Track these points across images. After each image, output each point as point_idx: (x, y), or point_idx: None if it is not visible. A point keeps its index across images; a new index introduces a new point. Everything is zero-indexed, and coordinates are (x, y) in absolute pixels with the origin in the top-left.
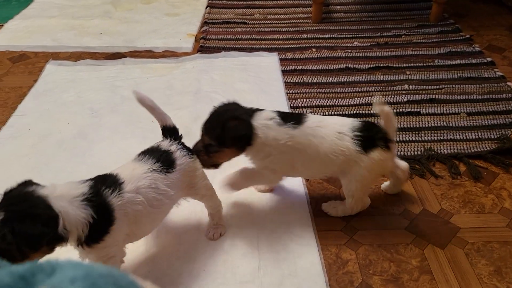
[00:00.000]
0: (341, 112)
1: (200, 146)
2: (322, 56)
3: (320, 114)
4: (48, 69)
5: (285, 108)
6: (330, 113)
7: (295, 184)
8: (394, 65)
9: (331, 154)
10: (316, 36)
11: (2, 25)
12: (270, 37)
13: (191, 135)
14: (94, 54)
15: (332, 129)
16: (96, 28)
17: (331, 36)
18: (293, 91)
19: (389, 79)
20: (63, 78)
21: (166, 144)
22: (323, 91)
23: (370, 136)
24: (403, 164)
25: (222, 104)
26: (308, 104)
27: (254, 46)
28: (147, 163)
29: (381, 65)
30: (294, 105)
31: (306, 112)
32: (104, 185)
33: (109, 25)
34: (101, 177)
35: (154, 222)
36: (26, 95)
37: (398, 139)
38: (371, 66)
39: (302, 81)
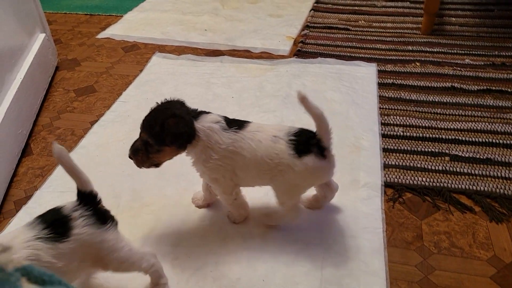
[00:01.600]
0: (437, 136)
1: (138, 145)
2: (427, 71)
3: (413, 135)
4: (153, 60)
5: (375, 124)
6: (425, 135)
7: (372, 207)
8: (509, 90)
9: (266, 158)
10: (423, 49)
11: (122, 16)
12: (371, 46)
13: None
14: (196, 49)
15: (269, 133)
16: (203, 25)
17: (440, 50)
18: (387, 107)
19: (500, 104)
20: (165, 70)
21: (69, 208)
22: (420, 110)
23: (305, 141)
24: (334, 183)
25: (164, 101)
26: (401, 123)
27: (353, 55)
28: (34, 229)
29: (493, 88)
30: (386, 121)
31: (398, 131)
32: None
33: (215, 22)
34: None
35: None
36: (131, 84)
37: (501, 175)
38: (482, 88)
39: (398, 96)
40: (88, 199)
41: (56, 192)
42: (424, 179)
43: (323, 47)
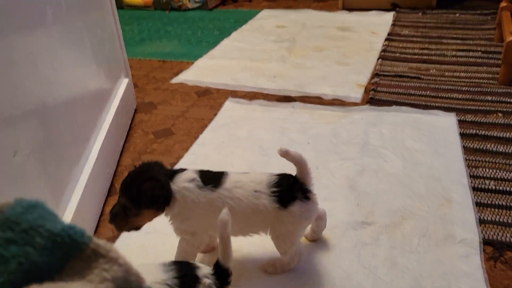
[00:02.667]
0: None
1: (117, 209)
2: (510, 123)
3: (506, 189)
4: (227, 105)
5: (463, 176)
6: None
7: (472, 266)
8: None
9: (250, 215)
10: (503, 100)
11: (193, 62)
12: (447, 95)
13: (356, 189)
14: (267, 95)
15: (249, 189)
16: (271, 71)
17: None
18: (474, 158)
19: None
20: (238, 115)
21: (203, 273)
22: (510, 163)
23: (287, 190)
24: (322, 210)
25: (141, 164)
26: (492, 176)
27: (429, 104)
28: (167, 273)
29: None
30: (475, 174)
31: (490, 184)
32: None
33: (283, 69)
34: None
35: None
36: (206, 127)
37: None
38: None
39: (484, 148)
40: (222, 274)
41: (142, 232)
42: None
43: (396, 95)
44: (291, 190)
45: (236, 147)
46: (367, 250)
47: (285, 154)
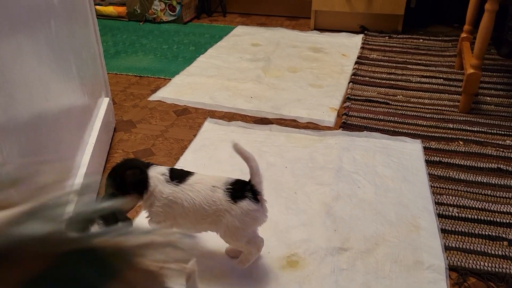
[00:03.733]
0: (492, 219)
1: (110, 190)
2: (470, 151)
3: (468, 216)
4: (206, 126)
5: (429, 203)
6: (479, 217)
7: None
8: None
9: (205, 205)
10: (464, 128)
11: (170, 79)
12: (413, 122)
13: (332, 215)
14: (244, 116)
15: (208, 184)
16: (248, 92)
17: (480, 129)
18: (438, 185)
19: None
20: (217, 137)
21: None
22: (471, 191)
23: (240, 189)
24: (259, 237)
25: (122, 160)
26: (455, 203)
27: (397, 130)
28: None
29: None
30: (439, 200)
31: (453, 211)
32: None
33: (259, 89)
34: None
35: None
36: (186, 148)
37: None
38: None
39: (448, 175)
40: None
41: None
42: (486, 263)
43: (366, 120)
44: (243, 190)
45: (217, 170)
46: (344, 275)
47: (238, 150)
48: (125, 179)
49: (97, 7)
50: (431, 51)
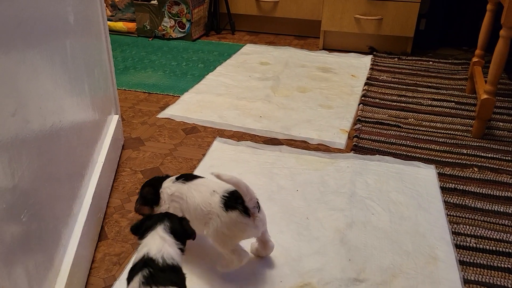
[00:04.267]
0: (511, 251)
1: (138, 199)
2: (485, 178)
3: (486, 247)
4: (215, 145)
5: (446, 233)
6: (498, 248)
7: None
8: None
9: (202, 205)
10: (478, 154)
11: (179, 96)
12: (426, 146)
13: (347, 243)
14: (254, 136)
15: (210, 188)
16: (257, 111)
17: (495, 156)
18: (455, 214)
19: None
20: (227, 157)
21: None
22: (487, 220)
23: (233, 200)
24: (271, 243)
25: (154, 176)
26: (473, 233)
27: (409, 154)
28: None
29: None
30: (456, 230)
31: (471, 242)
32: None
33: (268, 109)
34: None
35: None
36: (195, 168)
37: None
38: None
39: (464, 203)
40: None
41: None
42: None
43: (378, 143)
44: (235, 201)
45: None
46: None
47: (218, 177)
48: (142, 194)
49: (108, 22)
50: (441, 74)
